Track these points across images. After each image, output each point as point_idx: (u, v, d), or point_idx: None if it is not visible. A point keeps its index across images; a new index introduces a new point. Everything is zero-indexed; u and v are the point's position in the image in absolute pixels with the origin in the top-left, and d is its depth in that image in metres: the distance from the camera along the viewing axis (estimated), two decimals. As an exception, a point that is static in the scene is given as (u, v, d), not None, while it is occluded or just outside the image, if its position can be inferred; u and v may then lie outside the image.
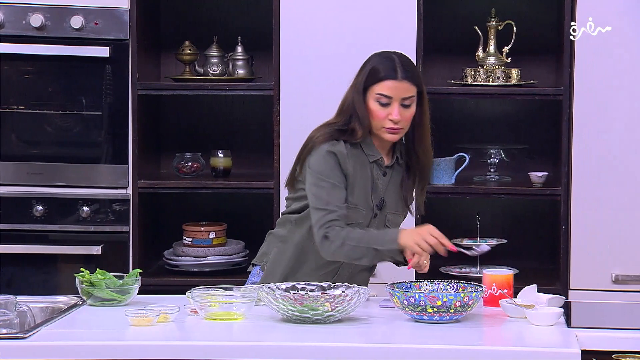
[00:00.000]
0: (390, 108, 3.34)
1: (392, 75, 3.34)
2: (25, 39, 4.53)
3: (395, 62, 3.35)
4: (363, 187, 3.39)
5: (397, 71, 3.34)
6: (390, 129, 3.36)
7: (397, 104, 3.34)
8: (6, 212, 4.57)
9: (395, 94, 3.34)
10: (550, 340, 2.97)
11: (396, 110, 3.34)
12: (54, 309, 3.30)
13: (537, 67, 4.77)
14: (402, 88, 3.34)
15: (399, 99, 3.34)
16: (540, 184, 4.56)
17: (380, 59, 3.38)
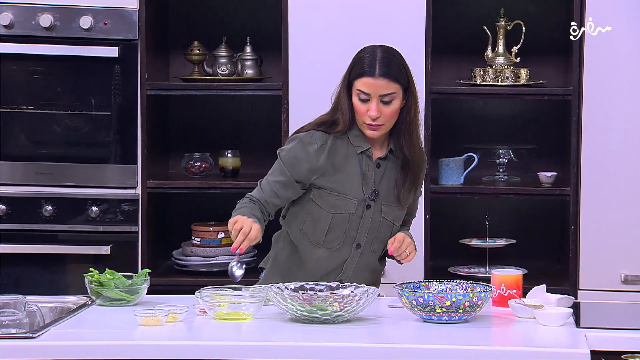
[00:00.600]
0: (369, 104, 3.35)
1: (370, 72, 3.34)
2: (34, 39, 4.54)
3: (375, 59, 3.35)
4: (352, 177, 3.41)
5: (375, 68, 3.34)
6: (369, 125, 3.37)
7: (376, 100, 3.34)
8: (15, 212, 4.58)
9: (372, 90, 3.34)
10: (559, 340, 2.96)
11: (374, 107, 3.34)
12: (63, 309, 3.30)
13: (546, 67, 4.76)
14: (379, 85, 3.34)
15: (377, 95, 3.34)
16: (549, 184, 4.55)
17: (363, 54, 3.40)
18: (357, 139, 3.41)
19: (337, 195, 3.39)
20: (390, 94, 3.34)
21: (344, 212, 3.40)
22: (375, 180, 3.43)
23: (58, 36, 4.54)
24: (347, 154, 3.41)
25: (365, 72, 3.34)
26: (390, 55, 3.38)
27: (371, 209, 3.42)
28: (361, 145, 3.41)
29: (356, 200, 3.41)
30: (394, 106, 3.36)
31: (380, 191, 3.42)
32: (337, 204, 3.39)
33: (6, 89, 4.59)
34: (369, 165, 3.42)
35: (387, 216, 3.44)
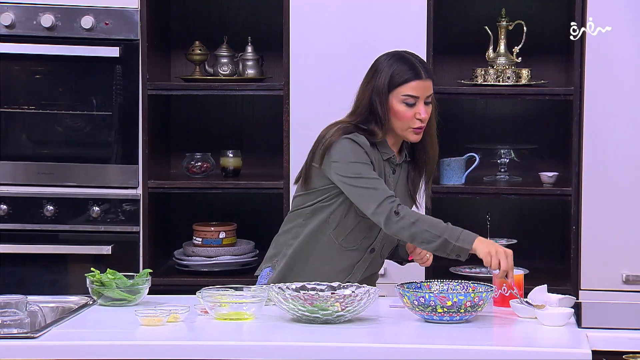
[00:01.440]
0: (417, 107, 3.38)
1: (418, 76, 3.37)
2: (35, 39, 4.54)
3: (414, 62, 3.40)
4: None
5: (421, 71, 3.38)
6: (417, 129, 3.40)
7: (422, 102, 3.39)
8: (17, 212, 4.58)
9: (421, 93, 3.38)
10: (560, 340, 2.96)
11: (423, 109, 3.38)
12: (64, 309, 3.30)
13: (547, 67, 4.76)
14: (427, 87, 3.39)
15: (424, 97, 3.39)
16: (551, 184, 4.55)
17: (398, 61, 3.40)
18: (382, 145, 3.43)
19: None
20: (432, 94, 3.42)
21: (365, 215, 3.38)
22: (393, 185, 3.45)
23: (59, 36, 4.54)
24: (377, 159, 3.42)
25: (412, 76, 3.37)
26: (420, 57, 3.46)
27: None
28: (387, 151, 3.43)
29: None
30: (432, 107, 3.43)
31: (397, 194, 3.43)
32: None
33: (8, 89, 4.60)
34: (389, 171, 3.45)
35: None
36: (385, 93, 3.37)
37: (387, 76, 3.38)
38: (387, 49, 4.44)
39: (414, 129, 3.39)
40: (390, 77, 3.38)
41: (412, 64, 3.39)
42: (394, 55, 3.43)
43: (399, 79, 3.37)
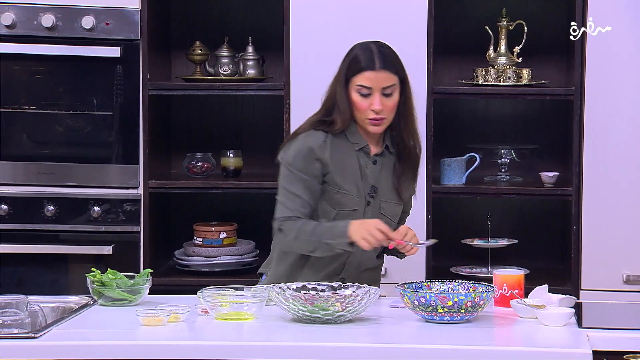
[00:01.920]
0: (372, 98, 3.37)
1: (371, 66, 3.36)
2: (36, 39, 4.54)
3: (373, 52, 3.38)
4: (351, 174, 3.42)
5: (375, 61, 3.36)
6: (372, 120, 3.38)
7: (378, 94, 3.36)
8: (17, 212, 4.58)
9: (375, 84, 3.36)
10: (561, 340, 2.96)
11: (377, 100, 3.36)
12: (65, 309, 3.30)
13: (548, 67, 4.76)
14: (381, 78, 3.36)
15: (379, 89, 3.36)
16: (551, 184, 4.55)
17: (360, 50, 3.41)
18: (354, 136, 3.43)
19: (342, 193, 3.41)
20: (391, 86, 3.37)
21: (348, 209, 3.41)
22: (373, 176, 3.44)
23: (60, 36, 4.54)
24: (346, 151, 3.42)
25: (365, 66, 3.36)
26: (386, 49, 3.42)
27: (370, 205, 3.43)
28: (359, 142, 3.43)
29: (358, 197, 3.42)
30: (394, 99, 3.38)
31: (379, 187, 3.43)
32: (342, 201, 3.41)
33: (8, 89, 4.60)
34: (367, 161, 3.43)
35: (385, 212, 3.45)
36: (343, 82, 3.39)
37: (345, 65, 3.41)
38: (387, 49, 4.46)
39: (369, 120, 3.38)
40: (348, 67, 3.40)
41: (369, 54, 3.37)
42: (359, 45, 3.43)
43: (354, 68, 3.38)
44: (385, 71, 3.36)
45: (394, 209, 3.48)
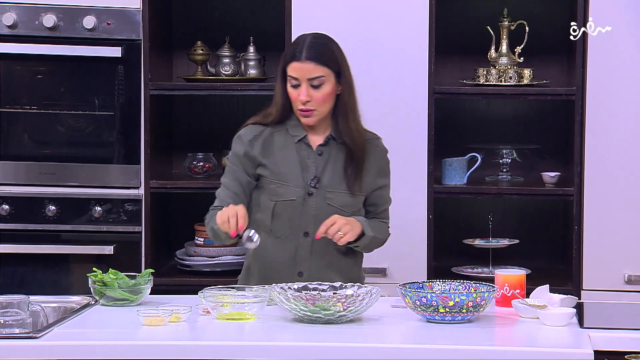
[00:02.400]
0: (300, 89, 3.40)
1: (298, 57, 3.40)
2: (37, 39, 4.54)
3: (303, 44, 3.41)
4: (290, 165, 3.45)
5: (302, 52, 3.39)
6: (301, 111, 3.42)
7: (305, 84, 3.39)
8: (19, 212, 4.58)
9: (300, 75, 3.39)
10: (562, 340, 2.96)
11: (303, 91, 3.39)
12: (66, 309, 3.30)
13: (549, 67, 4.76)
14: (306, 69, 3.39)
15: (305, 79, 3.39)
16: (553, 184, 4.55)
17: (294, 42, 3.48)
18: (295, 128, 3.47)
19: (278, 183, 3.45)
20: (318, 77, 3.39)
21: (285, 199, 3.44)
22: (317, 167, 3.45)
23: (61, 36, 4.54)
24: (284, 143, 3.47)
25: (293, 57, 3.41)
26: (319, 40, 3.44)
27: (314, 196, 3.44)
28: (298, 133, 3.47)
29: (297, 187, 3.44)
30: (324, 90, 3.40)
31: (324, 178, 3.45)
32: (278, 191, 3.44)
33: (10, 89, 4.60)
34: (309, 152, 3.46)
35: (333, 203, 3.45)
36: (280, 73, 3.45)
37: (282, 58, 3.47)
38: (389, 49, 4.47)
39: (299, 110, 3.42)
40: (283, 57, 3.46)
41: (299, 46, 3.41)
42: (299, 37, 3.47)
43: (286, 59, 3.44)
44: (310, 62, 3.39)
45: (344, 199, 3.46)
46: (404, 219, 4.46)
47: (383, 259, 4.44)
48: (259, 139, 3.47)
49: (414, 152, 4.45)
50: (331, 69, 3.41)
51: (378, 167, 3.53)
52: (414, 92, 4.44)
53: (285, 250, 3.46)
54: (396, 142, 4.45)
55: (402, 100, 4.45)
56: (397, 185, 4.45)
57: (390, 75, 4.44)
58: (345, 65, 3.45)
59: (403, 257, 4.46)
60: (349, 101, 3.45)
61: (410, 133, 4.45)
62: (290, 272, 3.43)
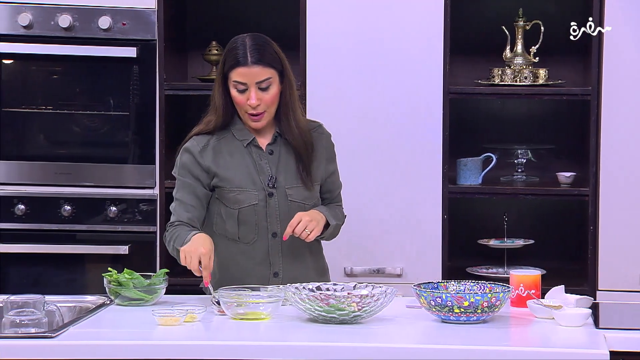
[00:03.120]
0: (248, 93, 3.37)
1: (243, 62, 3.36)
2: (53, 40, 4.56)
3: (245, 48, 3.38)
4: (245, 170, 3.43)
5: (247, 57, 3.36)
6: (251, 115, 3.40)
7: (254, 88, 3.37)
8: (34, 211, 4.60)
9: (248, 79, 3.37)
10: (578, 341, 2.95)
11: (253, 95, 3.37)
12: (81, 309, 3.31)
13: (565, 67, 4.75)
14: (254, 73, 3.36)
15: (254, 83, 3.37)
16: (568, 184, 4.54)
17: (234, 45, 3.41)
18: (241, 132, 3.45)
19: (237, 190, 3.42)
20: (266, 79, 3.37)
21: (247, 205, 3.42)
22: (272, 167, 3.44)
23: (77, 36, 4.56)
24: (234, 148, 3.44)
25: (237, 62, 3.36)
26: (261, 42, 3.41)
27: (275, 196, 3.43)
28: (245, 137, 3.45)
29: (256, 191, 3.42)
30: (272, 91, 3.39)
31: (279, 176, 3.44)
32: (239, 198, 3.42)
33: (25, 89, 4.61)
34: (260, 154, 3.45)
35: (294, 198, 3.45)
36: (221, 78, 3.41)
37: (221, 62, 3.42)
38: (403, 49, 4.46)
39: (249, 114, 3.40)
40: (223, 62, 3.41)
41: (241, 50, 3.37)
42: (234, 40, 3.43)
43: (228, 64, 3.39)
44: (257, 66, 3.36)
45: (303, 193, 3.45)
46: (418, 219, 4.46)
47: (398, 259, 4.44)
48: (207, 149, 3.43)
49: (428, 152, 4.44)
50: (276, 69, 3.39)
51: (326, 154, 3.52)
52: (428, 92, 4.44)
53: (256, 254, 3.44)
54: (411, 142, 4.46)
55: (417, 100, 4.45)
56: (411, 185, 4.47)
57: (405, 75, 4.44)
58: (285, 63, 3.43)
59: (418, 257, 4.46)
60: (291, 98, 3.43)
61: (425, 133, 4.44)
62: (265, 274, 3.42)
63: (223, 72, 3.40)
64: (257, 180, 3.43)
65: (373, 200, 4.45)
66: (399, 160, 4.45)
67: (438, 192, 4.45)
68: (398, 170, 4.45)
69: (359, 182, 4.45)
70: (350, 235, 4.19)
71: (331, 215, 3.47)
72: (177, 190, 3.47)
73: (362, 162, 4.44)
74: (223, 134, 3.45)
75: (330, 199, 3.57)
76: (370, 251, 4.47)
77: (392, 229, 4.46)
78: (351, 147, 4.43)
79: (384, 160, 4.46)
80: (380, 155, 4.46)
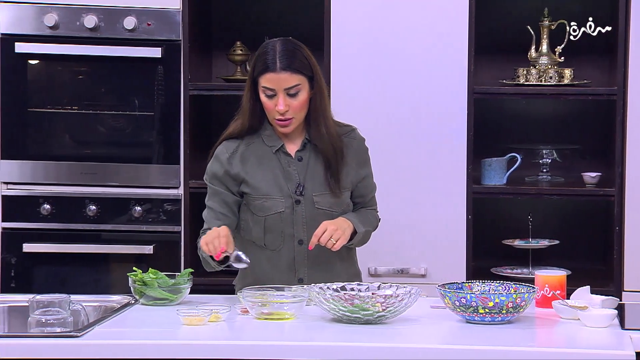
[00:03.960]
0: (276, 99, 3.35)
1: (272, 68, 3.33)
2: (78, 40, 4.58)
3: (275, 53, 3.35)
4: (273, 177, 3.41)
5: (276, 63, 3.33)
6: (279, 121, 3.37)
7: (282, 94, 3.34)
8: (60, 211, 4.62)
9: (277, 85, 3.34)
10: (603, 342, 2.94)
11: (281, 101, 3.34)
12: (107, 308, 3.32)
13: (590, 67, 4.73)
14: (282, 79, 3.33)
15: (282, 89, 3.34)
16: (593, 184, 4.52)
17: (263, 50, 3.39)
18: (270, 138, 3.43)
19: (264, 198, 3.40)
20: (295, 86, 3.34)
21: (274, 212, 3.40)
22: (300, 174, 3.42)
23: (102, 37, 4.58)
24: (262, 155, 3.42)
25: (267, 68, 3.34)
26: (291, 47, 3.37)
27: (301, 204, 3.41)
28: (275, 143, 3.42)
29: (283, 198, 3.40)
30: (301, 98, 3.36)
31: (307, 184, 3.41)
32: (265, 205, 3.40)
33: (51, 89, 4.63)
34: (289, 161, 3.42)
35: (321, 206, 3.42)
36: (251, 83, 3.39)
37: (251, 67, 3.40)
38: (428, 49, 4.46)
39: (277, 120, 3.37)
40: (253, 67, 3.39)
41: (270, 56, 3.34)
42: (264, 45, 3.40)
43: (258, 69, 3.37)
44: (285, 72, 3.33)
45: (331, 200, 3.42)
46: (443, 219, 4.45)
47: (422, 259, 4.44)
48: (235, 155, 3.42)
49: (453, 153, 4.44)
50: (305, 76, 3.35)
51: (357, 159, 3.49)
52: (453, 92, 4.43)
53: (281, 261, 3.43)
54: (435, 142, 4.45)
55: (442, 100, 4.44)
56: (436, 186, 4.46)
57: (429, 75, 4.43)
58: (316, 68, 3.40)
59: (442, 257, 4.45)
60: (321, 105, 3.40)
61: (450, 133, 4.43)
62: (289, 279, 3.40)
63: (252, 77, 3.39)
64: (285, 188, 3.41)
65: (397, 201, 4.45)
66: (423, 160, 4.45)
67: (462, 192, 4.44)
68: (422, 170, 4.45)
69: (382, 183, 4.43)
70: (374, 235, 4.17)
71: (359, 222, 3.43)
72: (208, 197, 3.46)
73: (386, 163, 4.44)
74: (253, 139, 3.44)
75: (363, 203, 3.54)
76: (394, 251, 4.47)
77: (416, 229, 4.46)
78: (375, 147, 4.41)
79: (408, 160, 4.45)
80: (404, 155, 4.45)
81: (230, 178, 3.42)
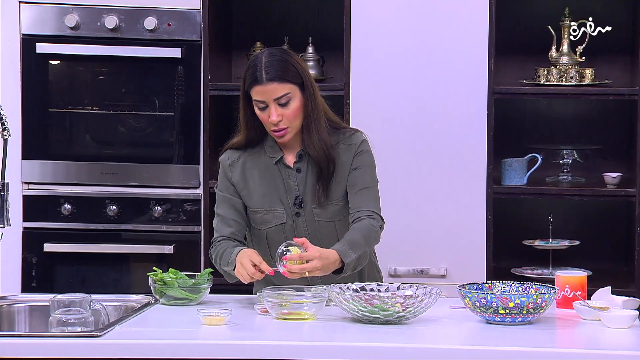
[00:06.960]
0: (268, 111, 3.32)
1: (259, 80, 3.30)
2: (99, 41, 4.59)
3: (261, 65, 3.31)
4: (272, 189, 3.38)
5: (262, 74, 3.30)
6: (275, 132, 3.34)
7: (273, 105, 3.31)
8: (80, 211, 4.63)
9: (266, 97, 3.31)
10: (624, 343, 2.93)
11: (272, 112, 3.31)
12: (127, 308, 3.33)
13: (611, 67, 4.71)
14: (270, 90, 3.30)
15: (272, 100, 3.31)
16: (615, 184, 4.50)
17: (250, 64, 3.36)
18: (272, 149, 3.41)
19: (264, 211, 3.39)
20: (284, 95, 3.31)
21: (274, 225, 3.38)
22: (299, 185, 3.38)
23: (123, 37, 4.59)
24: (265, 166, 3.40)
25: (255, 80, 3.31)
26: (277, 57, 3.33)
27: (302, 216, 3.38)
28: (275, 155, 3.40)
29: (283, 210, 3.38)
30: (293, 106, 3.32)
31: (305, 195, 3.38)
32: (266, 218, 3.38)
33: (72, 89, 4.65)
34: (289, 172, 3.39)
35: (321, 218, 3.39)
36: (243, 99, 3.38)
37: (242, 81, 3.38)
38: (448, 49, 4.45)
39: (272, 131, 3.35)
40: (243, 83, 3.37)
41: (256, 68, 3.31)
42: (252, 59, 3.38)
43: (247, 84, 3.34)
44: (272, 82, 3.29)
45: (331, 210, 3.38)
46: (463, 219, 4.44)
47: (442, 259, 4.43)
48: (237, 164, 3.41)
49: (473, 153, 4.43)
50: (294, 83, 3.31)
51: (354, 162, 3.39)
52: (473, 92, 4.42)
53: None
54: (456, 142, 4.44)
55: (462, 100, 4.43)
56: (456, 186, 4.45)
57: (449, 75, 4.43)
58: (306, 74, 3.35)
59: (462, 258, 4.44)
60: (313, 111, 3.35)
61: (470, 133, 4.42)
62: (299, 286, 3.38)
63: (244, 91, 3.37)
64: (285, 200, 3.38)
65: (417, 201, 4.44)
66: (443, 160, 4.44)
67: (483, 193, 4.43)
68: (442, 170, 4.44)
69: (403, 183, 4.44)
70: (394, 235, 4.19)
71: (350, 247, 3.27)
72: (217, 205, 3.45)
73: (407, 163, 4.43)
74: (255, 150, 3.43)
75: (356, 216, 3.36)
76: (414, 251, 4.46)
77: (436, 229, 4.45)
78: (396, 147, 4.43)
79: (429, 160, 4.45)
80: (424, 155, 4.45)
81: (232, 185, 3.42)
